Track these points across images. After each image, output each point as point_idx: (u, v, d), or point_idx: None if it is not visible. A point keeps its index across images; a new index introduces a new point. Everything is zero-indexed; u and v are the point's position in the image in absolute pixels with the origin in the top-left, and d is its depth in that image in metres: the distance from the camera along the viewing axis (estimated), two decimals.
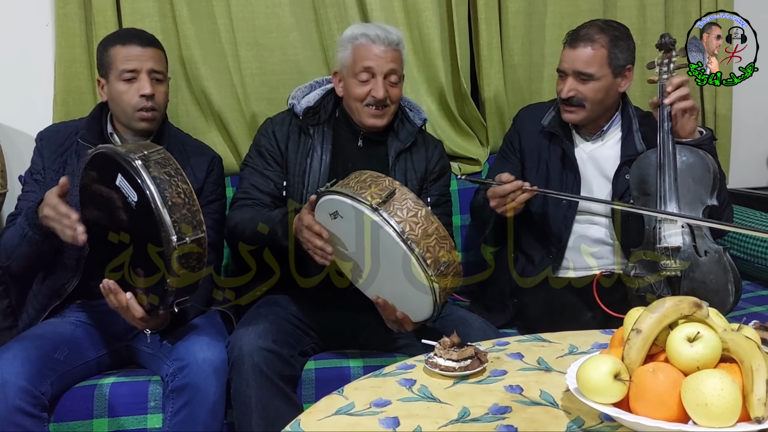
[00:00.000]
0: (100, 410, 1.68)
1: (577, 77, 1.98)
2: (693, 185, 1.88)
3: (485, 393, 1.25)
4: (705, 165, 1.89)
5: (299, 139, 1.98)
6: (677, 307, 1.09)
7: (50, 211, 1.59)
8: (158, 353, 1.73)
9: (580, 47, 1.97)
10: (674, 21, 2.62)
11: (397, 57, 1.94)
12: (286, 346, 1.71)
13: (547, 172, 2.10)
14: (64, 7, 2.26)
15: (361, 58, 1.91)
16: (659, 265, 1.84)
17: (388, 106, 1.94)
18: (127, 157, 1.49)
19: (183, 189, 1.48)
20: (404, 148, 2.00)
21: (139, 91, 1.82)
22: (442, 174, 2.09)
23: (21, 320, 1.87)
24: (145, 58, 1.84)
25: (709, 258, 1.83)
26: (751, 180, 2.85)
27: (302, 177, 1.95)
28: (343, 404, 1.21)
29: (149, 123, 1.86)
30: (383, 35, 1.92)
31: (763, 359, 1.01)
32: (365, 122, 1.95)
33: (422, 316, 1.60)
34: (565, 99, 2.00)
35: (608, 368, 1.06)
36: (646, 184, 1.92)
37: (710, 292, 1.80)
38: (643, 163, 1.94)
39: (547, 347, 1.46)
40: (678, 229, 1.86)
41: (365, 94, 1.91)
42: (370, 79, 1.91)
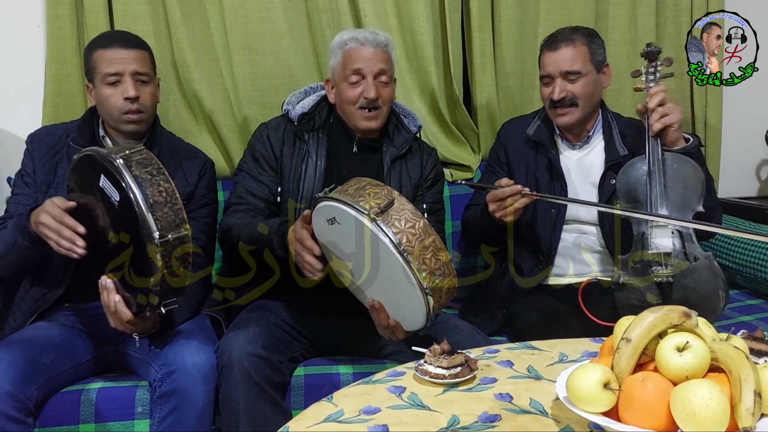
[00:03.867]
0: (87, 415, 1.67)
1: (564, 77, 2.00)
2: (683, 191, 1.90)
3: (475, 401, 1.25)
4: (694, 171, 1.91)
5: (294, 144, 1.98)
6: (667, 317, 1.09)
7: (51, 220, 1.57)
8: (146, 358, 1.71)
9: (562, 48, 2.01)
10: (665, 31, 2.64)
11: (386, 58, 1.96)
12: (276, 352, 1.71)
13: (535, 182, 2.11)
14: (56, 9, 2.25)
15: (351, 61, 1.93)
16: (649, 270, 1.84)
17: (380, 107, 1.95)
18: (109, 157, 1.49)
19: (165, 188, 1.48)
20: (399, 155, 2.01)
21: (123, 94, 1.81)
22: (436, 181, 2.10)
23: (7, 324, 1.85)
24: (128, 61, 1.83)
25: (700, 264, 1.84)
26: (741, 190, 2.87)
27: (297, 182, 1.95)
28: (332, 411, 1.21)
29: (137, 125, 1.85)
30: (371, 37, 1.95)
31: (751, 369, 1.01)
32: (359, 125, 1.95)
33: (415, 326, 1.59)
34: (557, 101, 2.01)
35: (598, 377, 1.06)
36: (635, 192, 1.93)
37: (702, 299, 1.81)
38: (631, 170, 1.95)
39: (537, 355, 1.46)
40: (668, 234, 1.86)
41: (357, 96, 1.92)
42: (360, 80, 1.93)
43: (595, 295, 1.90)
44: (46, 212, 1.58)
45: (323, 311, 1.89)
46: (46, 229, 1.58)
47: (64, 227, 1.56)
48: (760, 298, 2.31)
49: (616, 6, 2.59)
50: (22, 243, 1.66)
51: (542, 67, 2.06)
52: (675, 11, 2.63)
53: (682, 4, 2.62)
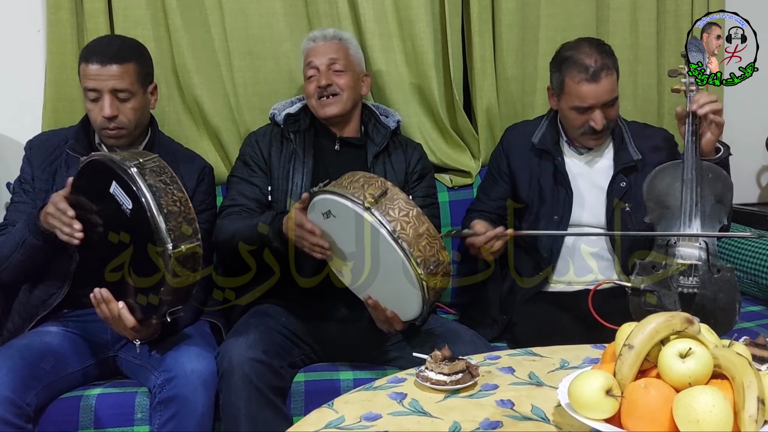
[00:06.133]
0: (86, 422, 1.66)
1: (603, 106, 1.97)
2: (714, 203, 1.86)
3: (476, 407, 1.24)
4: (726, 184, 1.88)
5: (281, 145, 2.05)
6: (669, 323, 1.09)
7: (52, 208, 1.60)
8: (146, 364, 1.71)
9: (603, 79, 1.94)
10: (666, 37, 2.63)
11: (337, 48, 2.07)
12: (277, 357, 1.70)
13: (539, 189, 2.10)
14: (56, 13, 2.25)
15: (307, 57, 2.08)
16: (673, 279, 1.80)
17: (338, 93, 2.02)
18: (123, 164, 1.49)
19: (179, 197, 1.49)
20: (380, 151, 2.06)
21: (100, 112, 1.80)
22: (424, 175, 2.12)
23: (6, 330, 1.85)
24: (105, 78, 1.77)
25: (722, 276, 1.81)
26: (742, 196, 2.86)
27: (286, 181, 2.00)
28: (333, 418, 1.20)
29: (116, 140, 1.85)
30: (321, 34, 2.10)
31: (754, 376, 1.01)
32: (320, 113, 2.03)
33: (411, 314, 1.63)
34: (598, 130, 1.99)
35: (600, 384, 1.06)
36: (666, 197, 1.89)
37: (719, 310, 1.79)
38: (664, 174, 1.91)
39: (539, 361, 1.46)
40: (695, 245, 1.83)
41: (314, 89, 2.02)
42: (315, 74, 2.03)
43: (601, 302, 1.88)
44: (50, 203, 1.61)
45: (324, 317, 1.89)
46: (50, 218, 1.61)
47: (63, 214, 1.58)
48: (760, 305, 2.31)
49: (616, 11, 2.58)
50: (33, 241, 1.68)
51: (580, 98, 1.96)
52: (675, 17, 2.62)
53: (682, 9, 2.62)
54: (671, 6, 2.63)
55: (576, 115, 2.00)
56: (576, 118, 2.01)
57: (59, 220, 1.59)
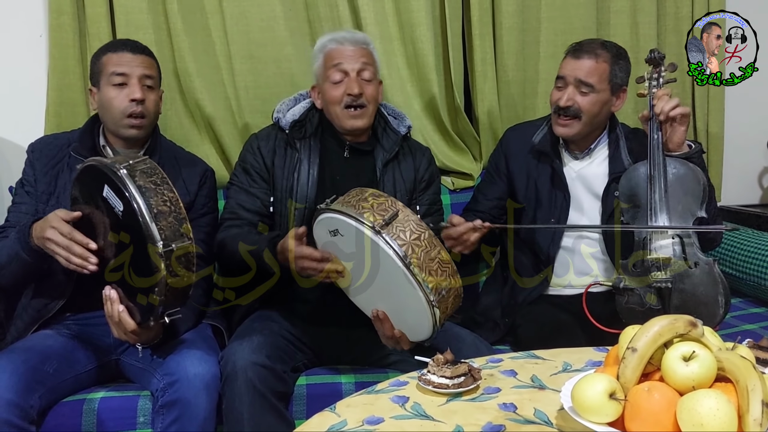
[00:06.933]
0: (89, 425, 1.66)
1: (577, 87, 1.98)
2: (683, 197, 1.89)
3: (479, 411, 1.24)
4: (695, 177, 1.90)
5: (285, 153, 1.97)
6: (672, 326, 1.09)
7: (59, 237, 1.56)
8: (148, 367, 1.71)
9: (584, 58, 1.98)
10: (666, 39, 2.64)
11: (367, 54, 1.96)
12: (280, 362, 1.70)
13: (536, 191, 2.11)
14: (58, 18, 2.26)
15: (332, 59, 1.94)
16: (648, 274, 1.84)
17: (366, 106, 1.93)
18: (113, 167, 1.48)
19: (169, 197, 1.48)
20: (391, 158, 2.00)
21: (129, 96, 1.82)
22: (432, 182, 2.08)
23: (9, 333, 1.85)
24: (136, 64, 1.85)
25: (700, 269, 1.83)
26: (743, 197, 2.87)
27: (289, 192, 1.94)
28: (336, 421, 1.20)
29: (137, 129, 1.85)
30: (350, 36, 1.97)
31: (758, 379, 1.00)
32: (345, 125, 1.94)
33: (420, 337, 1.58)
34: (562, 108, 2.00)
35: (603, 387, 1.06)
36: (636, 196, 1.93)
37: (700, 304, 1.80)
38: (633, 174, 1.95)
39: (541, 364, 1.45)
40: (668, 240, 1.86)
41: (341, 95, 1.91)
42: (343, 78, 1.92)
43: (598, 304, 1.89)
44: (53, 228, 1.56)
45: (326, 321, 1.89)
46: (53, 245, 1.57)
47: (75, 244, 1.55)
48: (763, 307, 2.31)
49: (617, 14, 2.59)
50: (23, 257, 1.66)
51: (560, 68, 2.04)
52: (676, 20, 2.63)
53: (682, 12, 2.62)
54: (671, 9, 2.64)
55: (554, 91, 2.05)
56: (553, 93, 2.05)
57: (68, 249, 1.55)
